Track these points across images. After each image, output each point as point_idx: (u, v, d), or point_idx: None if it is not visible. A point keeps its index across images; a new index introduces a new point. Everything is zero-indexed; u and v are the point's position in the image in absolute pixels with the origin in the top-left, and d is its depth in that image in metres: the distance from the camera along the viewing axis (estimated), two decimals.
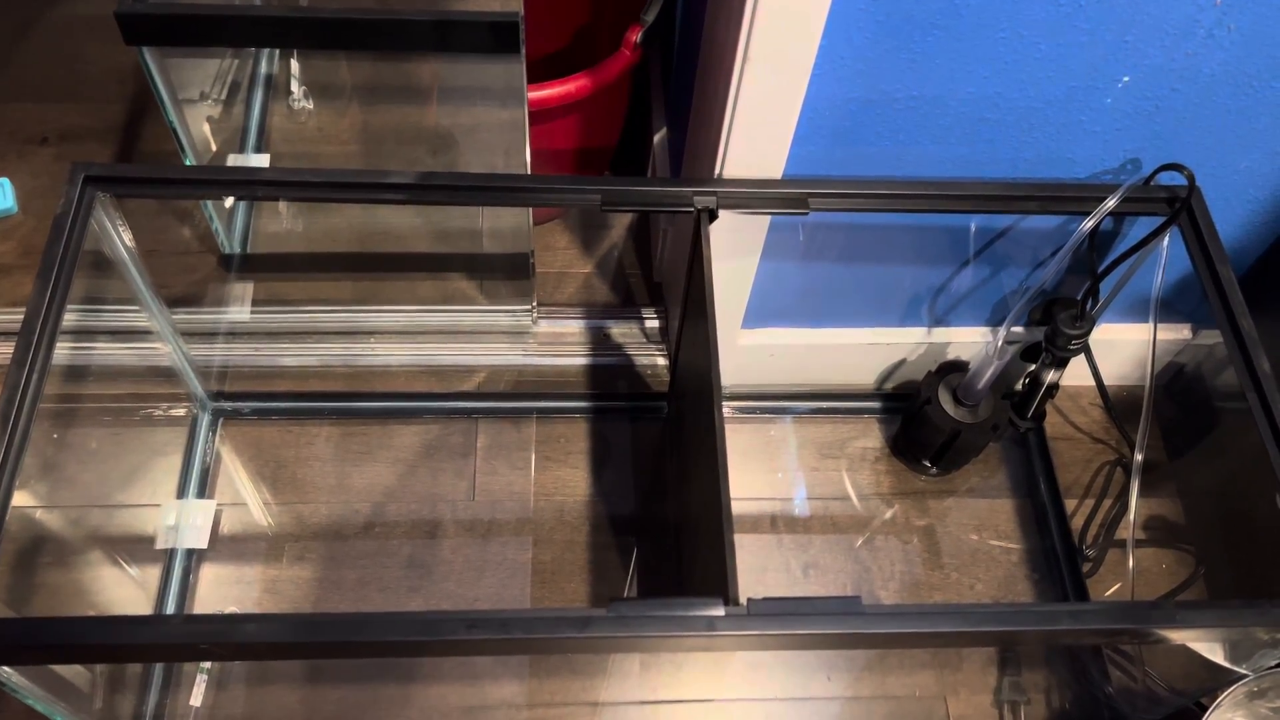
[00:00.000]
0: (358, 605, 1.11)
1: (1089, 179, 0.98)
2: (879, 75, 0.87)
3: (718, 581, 0.73)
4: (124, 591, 1.13)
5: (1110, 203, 0.92)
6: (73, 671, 0.89)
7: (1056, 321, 1.08)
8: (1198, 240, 0.91)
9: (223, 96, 1.28)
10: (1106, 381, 1.17)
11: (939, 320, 1.19)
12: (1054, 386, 1.16)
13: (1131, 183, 0.93)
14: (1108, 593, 1.17)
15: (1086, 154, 0.96)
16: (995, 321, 1.20)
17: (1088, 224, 0.94)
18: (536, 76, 1.09)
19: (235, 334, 1.28)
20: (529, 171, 1.11)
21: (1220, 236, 0.91)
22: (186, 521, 1.13)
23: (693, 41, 1.11)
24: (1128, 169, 0.97)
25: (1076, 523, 1.21)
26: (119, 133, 1.46)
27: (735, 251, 1.05)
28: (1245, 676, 0.91)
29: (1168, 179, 0.94)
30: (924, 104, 0.90)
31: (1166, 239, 0.96)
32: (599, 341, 1.31)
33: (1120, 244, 1.07)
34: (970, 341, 1.21)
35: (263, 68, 1.35)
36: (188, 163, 1.18)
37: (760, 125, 0.89)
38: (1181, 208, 0.92)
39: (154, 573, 1.11)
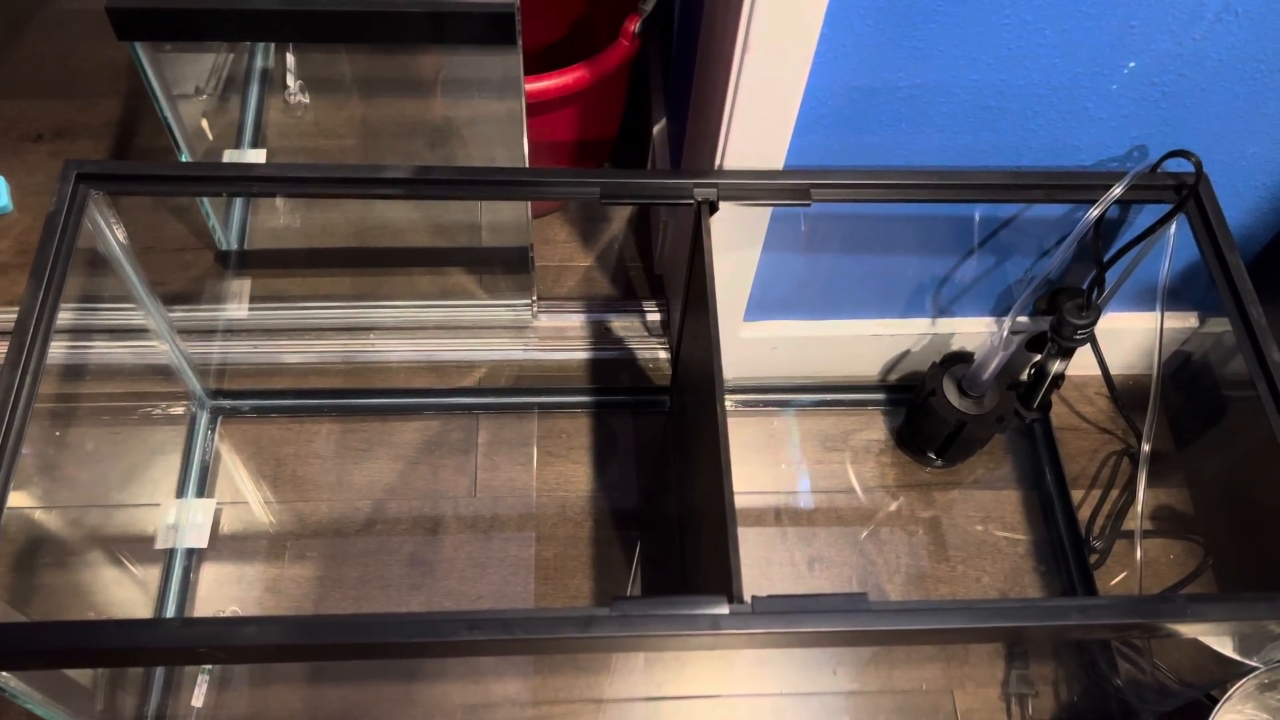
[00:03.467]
0: (359, 603, 1.10)
1: (1095, 166, 0.97)
2: (881, 63, 0.86)
3: (722, 579, 0.72)
4: (124, 592, 1.13)
5: (1116, 190, 0.91)
6: (73, 673, 0.89)
7: (1062, 311, 1.07)
8: (1205, 228, 0.90)
9: (218, 92, 1.27)
10: (1112, 371, 1.16)
11: (943, 311, 1.18)
12: (1060, 377, 1.15)
13: (1138, 170, 0.92)
14: (1113, 583, 1.16)
15: (1092, 141, 0.95)
16: (1000, 312, 1.18)
17: (1094, 212, 0.92)
18: (534, 68, 1.08)
19: (233, 331, 1.27)
20: (527, 164, 1.10)
21: (1228, 223, 0.90)
22: (186, 520, 1.13)
23: (692, 31, 1.10)
24: (1134, 156, 0.96)
25: (1083, 514, 1.20)
26: (114, 129, 1.45)
27: (736, 243, 1.03)
28: (1256, 669, 0.90)
29: (1175, 166, 0.92)
30: (927, 92, 0.89)
31: (1174, 226, 0.95)
32: (600, 335, 1.30)
33: (1126, 232, 1.05)
34: (975, 332, 1.20)
35: (258, 62, 1.33)
36: (183, 159, 1.17)
37: (761, 115, 0.88)
38: (1189, 195, 0.91)
39: (154, 572, 1.11)
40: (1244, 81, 0.90)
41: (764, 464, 1.23)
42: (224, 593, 1.11)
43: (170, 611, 1.08)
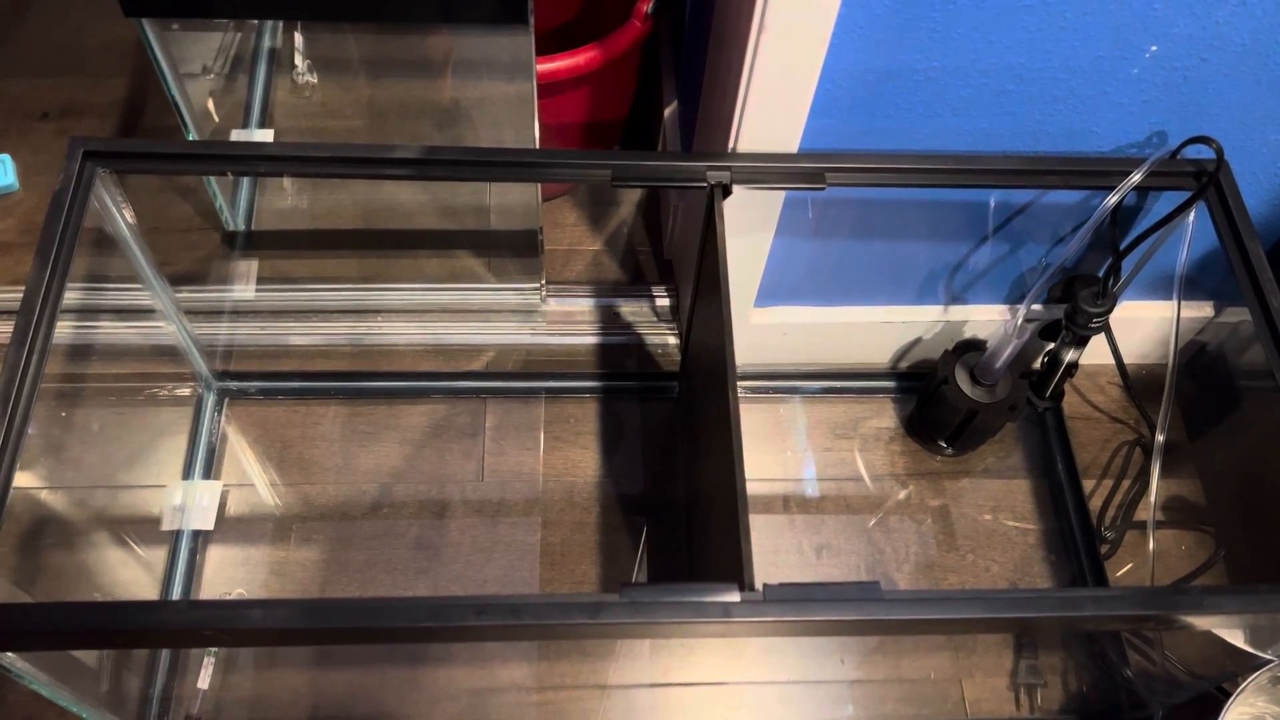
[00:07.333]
0: (365, 587, 1.10)
1: (1113, 152, 0.96)
2: (898, 45, 0.84)
3: (732, 566, 0.72)
4: (130, 573, 1.12)
5: (1135, 177, 0.89)
6: (79, 655, 0.88)
7: (1077, 299, 1.06)
8: (1226, 216, 0.89)
9: (225, 70, 1.26)
10: (1126, 360, 1.14)
11: (956, 298, 1.17)
12: (1073, 365, 1.14)
13: (1158, 156, 0.90)
14: (1120, 572, 1.16)
15: (1111, 126, 0.93)
16: (1014, 299, 1.17)
17: (1111, 199, 0.91)
18: (545, 49, 1.07)
19: (240, 312, 1.26)
20: (538, 146, 1.09)
21: (1248, 211, 0.88)
22: (192, 502, 1.12)
23: (705, 12, 1.08)
24: (1153, 142, 0.95)
25: (1094, 504, 1.19)
26: (120, 107, 1.44)
27: (748, 228, 1.02)
28: (1269, 662, 0.89)
29: (1194, 152, 0.91)
30: (944, 75, 0.87)
31: (1192, 214, 0.94)
32: (608, 320, 1.30)
33: (1144, 219, 1.04)
34: (988, 320, 1.19)
35: (266, 41, 1.32)
36: (190, 138, 1.16)
37: (776, 98, 0.87)
38: (1209, 182, 0.90)
39: (160, 554, 1.10)
40: (1266, 67, 0.88)
41: (772, 451, 1.22)
42: (230, 575, 1.10)
43: (176, 593, 1.08)
